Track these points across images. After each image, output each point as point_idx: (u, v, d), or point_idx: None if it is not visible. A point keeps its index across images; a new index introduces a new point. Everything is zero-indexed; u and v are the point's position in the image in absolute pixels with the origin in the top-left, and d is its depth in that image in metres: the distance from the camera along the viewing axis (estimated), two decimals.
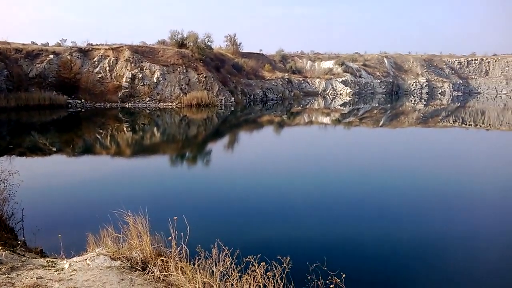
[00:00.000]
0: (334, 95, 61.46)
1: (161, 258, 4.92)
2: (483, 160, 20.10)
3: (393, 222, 10.75)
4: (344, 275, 4.26)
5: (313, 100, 54.72)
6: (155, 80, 39.10)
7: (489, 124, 35.72)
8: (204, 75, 41.22)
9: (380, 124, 34.74)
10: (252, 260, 4.47)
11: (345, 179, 15.42)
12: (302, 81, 61.92)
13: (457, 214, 11.56)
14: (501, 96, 71.14)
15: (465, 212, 11.75)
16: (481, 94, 74.21)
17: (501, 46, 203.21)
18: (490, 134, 30.91)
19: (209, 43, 46.72)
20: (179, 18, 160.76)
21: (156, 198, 12.32)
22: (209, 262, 4.65)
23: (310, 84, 62.26)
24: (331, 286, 4.27)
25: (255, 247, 4.96)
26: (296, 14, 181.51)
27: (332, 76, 63.78)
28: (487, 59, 78.61)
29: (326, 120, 36.58)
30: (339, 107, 48.41)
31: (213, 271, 4.55)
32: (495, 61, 77.82)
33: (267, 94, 51.43)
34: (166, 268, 4.80)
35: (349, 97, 59.90)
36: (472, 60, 79.01)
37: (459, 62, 79.03)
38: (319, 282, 4.34)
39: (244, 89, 47.88)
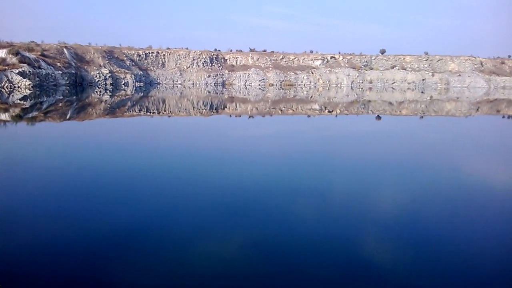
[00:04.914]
0: (11, 88, 54.60)
1: None
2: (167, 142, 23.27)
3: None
4: None
5: None
6: None
7: (170, 111, 40.79)
8: None
9: (67, 117, 33.84)
10: None
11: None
12: None
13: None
14: (177, 86, 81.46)
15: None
16: (161, 84, 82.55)
17: (174, 40, 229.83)
18: (169, 120, 35.55)
19: None
20: None
21: None
22: None
23: None
24: None
25: None
26: None
27: (7, 67, 56.30)
28: (162, 52, 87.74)
29: (4, 116, 32.50)
30: (19, 101, 43.64)
31: None
32: (170, 54, 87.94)
33: None
34: None
35: (29, 90, 54.65)
36: (149, 53, 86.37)
37: (138, 55, 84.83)
38: None
39: None
